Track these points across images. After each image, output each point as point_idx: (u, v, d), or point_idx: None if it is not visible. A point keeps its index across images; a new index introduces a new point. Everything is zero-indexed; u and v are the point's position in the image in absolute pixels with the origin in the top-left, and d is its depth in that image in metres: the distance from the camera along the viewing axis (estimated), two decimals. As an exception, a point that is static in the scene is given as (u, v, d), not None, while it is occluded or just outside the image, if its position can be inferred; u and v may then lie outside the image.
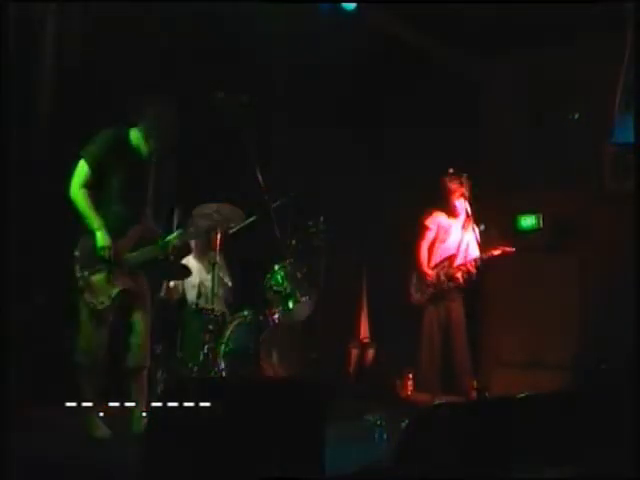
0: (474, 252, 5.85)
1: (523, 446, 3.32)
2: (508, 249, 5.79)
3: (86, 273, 4.01)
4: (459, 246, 5.89)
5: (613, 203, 6.55)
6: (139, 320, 4.23)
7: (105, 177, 4.11)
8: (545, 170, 7.20)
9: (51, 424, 4.17)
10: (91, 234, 4.06)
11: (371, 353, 6.59)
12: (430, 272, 5.85)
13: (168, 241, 4.31)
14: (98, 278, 4.03)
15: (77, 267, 4.01)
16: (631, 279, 4.57)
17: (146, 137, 4.21)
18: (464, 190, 5.81)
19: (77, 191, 4.05)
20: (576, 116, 7.03)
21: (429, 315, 5.84)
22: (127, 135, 4.22)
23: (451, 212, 5.95)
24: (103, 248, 4.03)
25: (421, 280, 5.88)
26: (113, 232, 4.09)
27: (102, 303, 4.02)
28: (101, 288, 4.03)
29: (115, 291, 4.07)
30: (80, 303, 4.07)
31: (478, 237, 5.78)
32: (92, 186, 4.08)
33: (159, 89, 5.42)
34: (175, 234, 4.39)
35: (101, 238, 4.03)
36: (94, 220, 4.04)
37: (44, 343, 5.27)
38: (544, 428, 3.44)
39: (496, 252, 5.76)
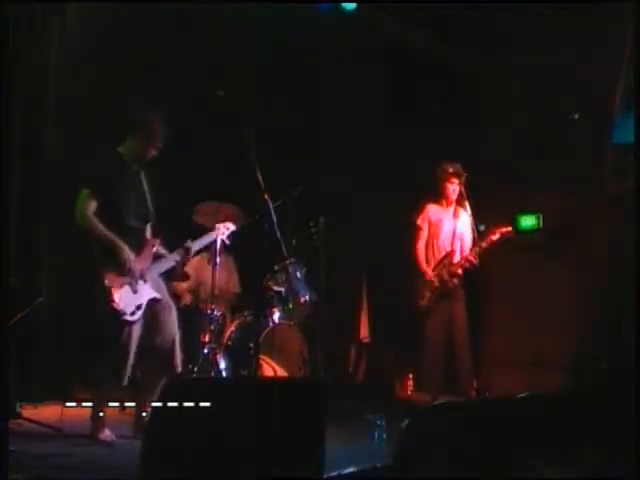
0: (470, 240, 5.83)
1: (523, 446, 3.32)
2: (505, 230, 5.75)
3: (114, 285, 4.04)
4: (453, 239, 5.85)
5: (613, 203, 6.55)
6: (167, 329, 4.28)
7: (111, 197, 4.15)
8: (545, 170, 7.20)
9: (51, 424, 4.17)
10: (112, 251, 4.08)
11: (371, 353, 6.59)
12: (431, 274, 5.82)
13: (187, 248, 4.38)
14: (125, 290, 4.07)
15: (106, 281, 4.03)
16: (631, 279, 4.57)
17: (134, 150, 4.26)
18: (457, 179, 5.79)
19: (84, 216, 4.09)
20: (576, 116, 7.03)
21: (433, 316, 5.80)
22: (118, 155, 4.27)
23: (442, 202, 5.92)
24: (126, 260, 4.08)
25: (424, 283, 5.85)
26: (131, 246, 4.14)
27: (133, 314, 4.07)
28: (129, 299, 4.07)
29: (143, 301, 4.13)
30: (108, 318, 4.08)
31: (472, 222, 5.77)
32: (102, 209, 4.11)
33: (159, 90, 5.44)
34: (186, 244, 4.44)
35: (123, 251, 4.08)
36: (111, 237, 4.09)
37: (45, 344, 5.29)
38: (544, 428, 3.44)
39: (495, 237, 5.71)
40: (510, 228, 5.78)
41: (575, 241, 6.93)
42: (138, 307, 4.10)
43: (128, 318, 4.05)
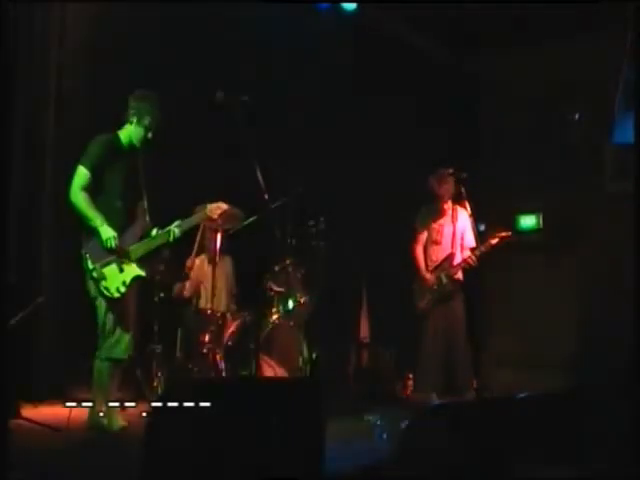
0: (470, 241, 5.82)
1: (523, 446, 3.32)
2: (504, 234, 5.74)
3: (98, 266, 4.16)
4: (453, 242, 5.84)
5: (613, 203, 6.56)
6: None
7: (103, 178, 4.26)
8: (545, 170, 7.21)
9: (51, 424, 4.17)
10: (95, 233, 4.17)
11: (371, 353, 6.58)
12: (430, 276, 5.81)
13: (169, 231, 4.43)
14: (110, 269, 4.18)
15: (88, 261, 4.16)
16: (631, 279, 4.57)
17: (134, 133, 4.36)
18: (450, 187, 5.78)
19: (77, 194, 4.18)
20: (576, 116, 7.04)
21: (433, 316, 5.79)
22: (117, 137, 4.38)
23: (439, 210, 5.91)
24: (109, 239, 4.17)
25: (422, 286, 5.84)
26: (117, 228, 4.23)
27: (118, 291, 4.17)
28: (114, 277, 4.18)
29: (128, 278, 4.21)
30: (98, 301, 4.20)
31: (471, 224, 5.76)
32: (92, 188, 4.22)
33: (159, 89, 5.43)
34: (176, 224, 4.49)
35: (105, 231, 4.17)
36: (96, 218, 4.18)
37: (45, 343, 5.28)
38: (544, 428, 3.44)
39: (494, 241, 5.70)
40: (509, 232, 5.76)
41: (575, 241, 6.94)
42: (123, 284, 4.18)
43: (115, 295, 4.15)
